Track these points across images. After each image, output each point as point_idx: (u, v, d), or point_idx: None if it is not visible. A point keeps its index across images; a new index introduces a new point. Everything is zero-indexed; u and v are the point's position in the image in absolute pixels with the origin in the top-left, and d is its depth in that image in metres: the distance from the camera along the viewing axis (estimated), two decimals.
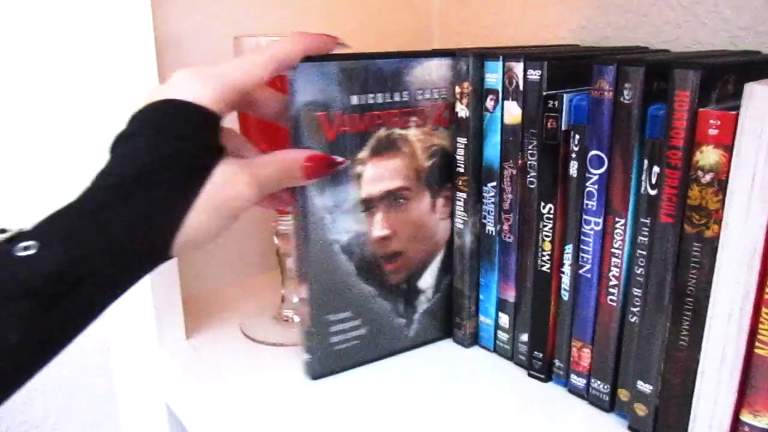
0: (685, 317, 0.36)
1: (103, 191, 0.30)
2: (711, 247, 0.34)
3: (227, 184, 0.33)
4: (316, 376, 0.46)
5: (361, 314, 0.46)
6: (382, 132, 0.43)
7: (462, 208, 0.47)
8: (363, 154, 0.43)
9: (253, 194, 0.35)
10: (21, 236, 0.28)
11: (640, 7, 0.54)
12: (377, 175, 0.44)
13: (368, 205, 0.44)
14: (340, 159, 0.41)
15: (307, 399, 0.44)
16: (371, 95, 0.42)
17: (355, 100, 0.42)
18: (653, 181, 0.36)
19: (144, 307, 0.50)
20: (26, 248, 0.27)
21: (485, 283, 0.48)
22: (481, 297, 0.49)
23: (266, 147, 0.41)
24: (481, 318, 0.50)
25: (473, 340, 0.51)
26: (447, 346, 0.51)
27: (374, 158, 0.44)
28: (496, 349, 0.49)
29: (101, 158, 0.48)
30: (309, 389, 0.45)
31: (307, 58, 0.38)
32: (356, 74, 0.41)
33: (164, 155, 0.31)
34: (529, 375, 0.46)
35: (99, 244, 0.29)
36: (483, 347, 0.50)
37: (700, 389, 0.36)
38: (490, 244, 0.47)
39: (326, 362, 0.46)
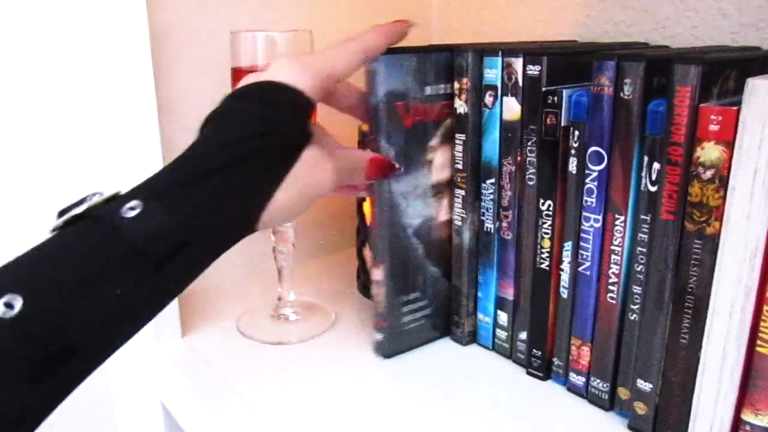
0: (685, 315, 0.36)
1: (200, 160, 0.31)
2: (712, 244, 0.33)
3: (314, 168, 0.34)
4: (388, 354, 0.48)
5: (427, 295, 0.49)
6: (449, 121, 0.46)
7: (460, 205, 0.47)
8: (434, 141, 0.46)
9: (333, 182, 0.36)
10: (120, 198, 0.28)
11: (639, 3, 0.54)
12: (445, 161, 0.47)
13: (437, 190, 0.47)
14: (397, 165, 0.44)
15: (315, 395, 0.44)
16: (442, 85, 0.45)
17: (428, 90, 0.44)
18: (653, 177, 0.36)
19: None
20: (132, 209, 0.27)
21: (484, 281, 0.48)
22: (479, 295, 0.49)
23: None
24: (480, 316, 0.49)
25: (471, 338, 0.50)
26: (445, 344, 0.50)
27: (443, 145, 0.46)
28: (494, 348, 0.49)
29: (94, 151, 0.47)
30: (314, 384, 0.45)
31: (388, 50, 0.40)
32: (430, 65, 0.44)
33: (262, 131, 0.32)
34: (528, 373, 0.46)
35: (198, 210, 0.29)
36: (481, 345, 0.50)
37: (701, 388, 0.35)
38: (489, 242, 0.47)
39: (397, 342, 0.48)
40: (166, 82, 0.54)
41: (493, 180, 0.45)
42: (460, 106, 0.45)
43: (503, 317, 0.47)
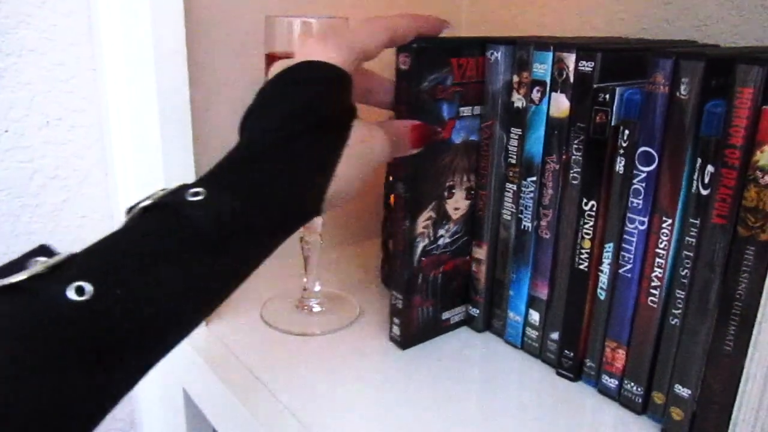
0: (731, 322, 0.35)
1: (258, 145, 0.31)
2: (765, 251, 0.33)
3: (366, 139, 0.35)
4: (480, 330, 0.51)
5: None
6: None
7: (511, 200, 0.46)
8: None
9: (389, 150, 0.37)
10: (185, 187, 0.28)
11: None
12: None
13: None
14: (438, 128, 0.43)
15: (338, 387, 0.43)
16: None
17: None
18: (706, 180, 0.35)
19: None
20: (196, 194, 0.28)
21: (516, 279, 0.47)
22: (511, 293, 0.48)
23: None
24: (510, 314, 0.49)
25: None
26: (475, 338, 0.50)
27: None
28: (523, 346, 0.48)
29: (126, 136, 0.46)
30: (337, 376, 0.44)
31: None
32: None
33: (313, 108, 0.32)
34: (558, 374, 0.45)
35: (264, 194, 0.30)
36: (509, 343, 0.49)
37: (743, 396, 0.35)
38: (525, 240, 0.46)
39: (488, 317, 0.52)
40: (200, 68, 0.53)
41: (534, 178, 0.44)
42: (518, 100, 0.44)
43: (535, 316, 0.47)
